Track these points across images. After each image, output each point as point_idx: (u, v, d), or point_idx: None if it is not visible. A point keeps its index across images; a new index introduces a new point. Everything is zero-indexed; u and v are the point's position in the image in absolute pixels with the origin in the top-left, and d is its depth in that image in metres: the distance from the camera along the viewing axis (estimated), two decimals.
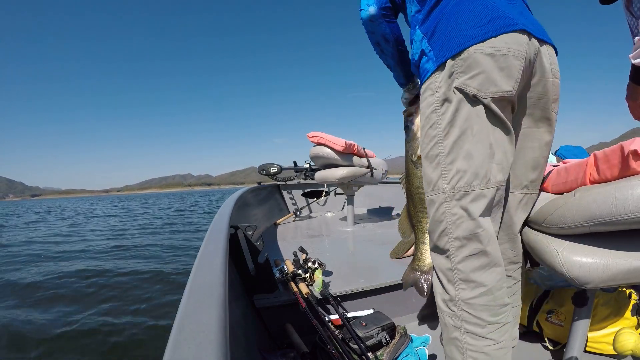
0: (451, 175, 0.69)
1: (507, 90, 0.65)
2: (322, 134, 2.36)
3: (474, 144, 0.67)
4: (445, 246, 0.72)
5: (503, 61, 0.64)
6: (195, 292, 0.50)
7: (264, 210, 2.89)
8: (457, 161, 0.68)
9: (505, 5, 0.68)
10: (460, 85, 0.66)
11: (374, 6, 0.85)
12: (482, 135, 0.67)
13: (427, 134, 0.72)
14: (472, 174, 0.67)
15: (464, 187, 0.68)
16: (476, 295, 0.69)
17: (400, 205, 3.36)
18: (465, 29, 0.66)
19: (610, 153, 0.71)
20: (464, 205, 0.69)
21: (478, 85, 0.65)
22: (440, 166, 0.70)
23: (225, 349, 0.35)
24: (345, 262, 1.61)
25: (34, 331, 2.58)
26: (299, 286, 1.10)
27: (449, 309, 0.73)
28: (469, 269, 0.70)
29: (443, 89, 0.68)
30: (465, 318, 0.70)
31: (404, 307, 1.34)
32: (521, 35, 0.65)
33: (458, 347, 0.72)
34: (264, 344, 1.00)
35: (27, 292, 3.54)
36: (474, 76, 0.64)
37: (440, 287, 0.76)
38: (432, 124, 0.71)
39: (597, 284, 0.69)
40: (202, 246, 0.79)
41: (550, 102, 0.74)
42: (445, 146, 0.69)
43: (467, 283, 0.70)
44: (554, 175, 0.89)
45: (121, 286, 3.60)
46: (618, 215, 0.65)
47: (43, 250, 6.22)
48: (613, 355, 0.99)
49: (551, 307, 1.09)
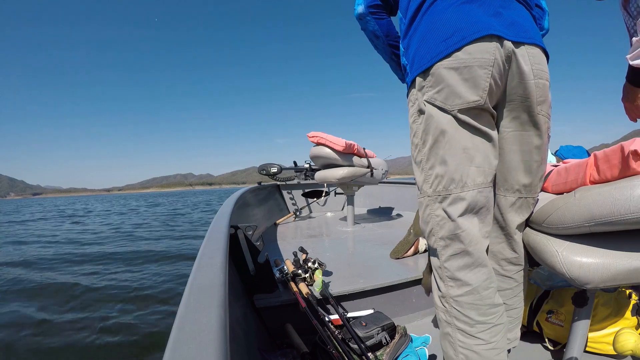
0: (432, 179, 0.74)
1: (474, 100, 0.67)
2: (322, 134, 2.36)
3: (447, 149, 0.70)
4: (434, 245, 0.77)
5: (467, 72, 0.66)
6: (195, 292, 0.50)
7: (264, 210, 2.89)
8: (435, 167, 0.73)
9: (473, 10, 0.67)
10: (429, 99, 0.71)
11: (362, 5, 0.90)
12: (454, 141, 0.69)
13: (412, 142, 0.79)
14: (449, 179, 0.71)
15: (442, 191, 0.73)
16: (462, 294, 0.72)
17: (400, 205, 3.39)
18: (431, 45, 0.69)
19: (610, 153, 0.71)
20: (444, 208, 0.73)
21: (443, 98, 0.68)
22: (424, 172, 0.76)
23: (225, 349, 0.35)
24: (345, 262, 1.61)
25: (32, 327, 2.59)
26: (299, 286, 1.10)
27: (442, 305, 0.77)
28: (454, 267, 0.73)
29: (419, 101, 0.74)
30: (455, 315, 0.73)
31: (404, 307, 1.34)
32: (487, 42, 0.65)
33: (450, 343, 0.75)
34: (264, 344, 1.00)
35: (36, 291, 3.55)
36: (440, 91, 0.69)
37: (435, 283, 0.80)
38: (414, 133, 0.77)
39: (597, 284, 0.69)
40: (202, 246, 0.79)
41: (535, 105, 0.71)
42: (424, 153, 0.75)
43: (454, 281, 0.73)
44: (554, 175, 0.89)
45: (121, 285, 3.60)
46: (618, 216, 0.65)
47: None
48: (613, 355, 0.99)
49: (551, 307, 1.09)
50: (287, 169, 3.35)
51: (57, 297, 3.34)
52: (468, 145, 0.70)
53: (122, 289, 3.49)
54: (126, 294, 3.35)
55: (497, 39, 0.65)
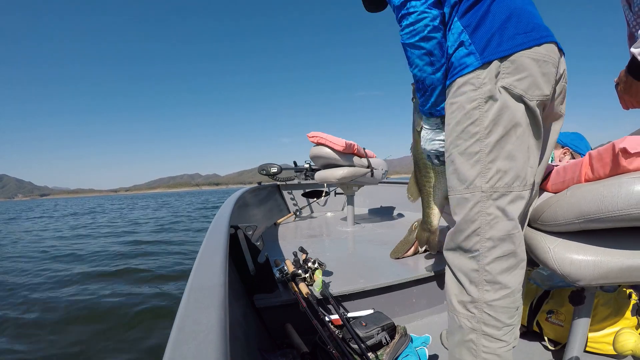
0: (491, 174, 0.68)
1: (547, 95, 0.68)
2: (322, 134, 2.36)
3: (517, 145, 0.67)
4: (475, 247, 0.71)
5: (545, 67, 0.67)
6: (195, 292, 0.50)
7: (264, 210, 2.89)
8: (497, 160, 0.68)
9: (539, 16, 0.72)
10: (508, 86, 0.67)
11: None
12: (524, 137, 0.68)
13: (467, 130, 0.70)
14: (514, 176, 0.68)
15: (502, 188, 0.68)
16: (499, 297, 0.70)
17: (400, 205, 3.38)
18: (512, 33, 0.67)
19: (603, 151, 0.72)
20: (500, 206, 0.69)
21: (525, 87, 0.66)
22: (480, 164, 0.69)
23: (225, 349, 0.35)
24: (345, 262, 1.60)
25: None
26: (299, 286, 1.10)
27: (467, 311, 0.73)
28: (497, 270, 0.70)
29: (488, 86, 0.67)
30: (485, 320, 0.71)
31: (404, 307, 1.34)
32: (554, 46, 0.70)
33: (471, 350, 0.72)
34: (264, 344, 1.00)
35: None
36: (522, 79, 0.66)
37: (458, 288, 0.75)
38: (473, 121, 0.69)
39: (589, 281, 0.70)
40: (202, 246, 0.79)
41: (559, 104, 0.76)
42: (487, 144, 0.68)
43: (492, 285, 0.70)
44: (554, 174, 0.89)
45: (122, 284, 3.61)
46: (606, 213, 0.66)
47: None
48: (613, 355, 0.99)
49: (551, 307, 1.09)
50: (287, 169, 3.35)
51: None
52: (531, 143, 0.70)
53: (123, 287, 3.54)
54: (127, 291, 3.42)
55: (556, 46, 0.70)
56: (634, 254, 0.68)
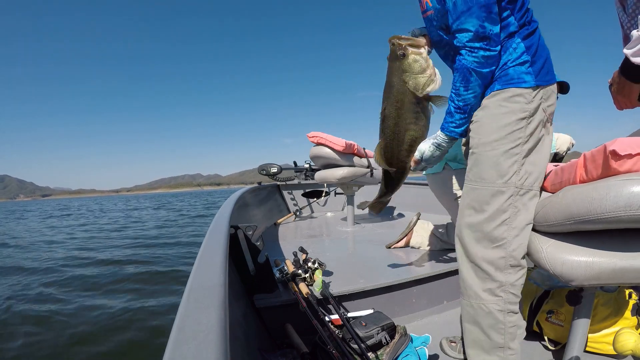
0: (522, 173, 0.84)
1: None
2: (322, 134, 2.36)
3: (540, 153, 0.86)
4: (503, 234, 0.83)
5: (554, 98, 0.88)
6: (195, 292, 0.50)
7: (264, 210, 2.89)
8: (527, 164, 0.84)
9: None
10: (544, 108, 0.85)
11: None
12: (543, 148, 0.87)
13: (513, 135, 0.83)
14: (535, 177, 0.85)
15: (527, 185, 0.84)
16: (520, 277, 0.85)
17: (401, 205, 3.38)
18: (550, 69, 0.87)
19: (595, 153, 0.72)
20: (524, 201, 0.84)
21: (551, 111, 0.88)
22: (517, 164, 0.83)
23: (225, 349, 0.35)
24: (345, 262, 1.61)
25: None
26: (299, 286, 1.10)
27: (494, 297, 0.84)
28: (520, 255, 0.83)
29: (535, 104, 0.83)
30: (510, 299, 0.84)
31: (404, 307, 1.34)
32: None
33: (499, 330, 0.84)
34: (264, 344, 1.00)
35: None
36: (550, 105, 0.87)
37: (481, 279, 0.86)
38: (520, 127, 0.83)
39: (582, 281, 0.71)
40: (202, 246, 0.79)
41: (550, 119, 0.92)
42: (525, 149, 0.84)
43: (514, 268, 0.84)
44: (552, 175, 0.89)
45: (121, 285, 3.61)
46: (594, 214, 0.67)
47: None
48: (613, 355, 0.99)
49: (551, 307, 1.09)
50: (287, 169, 3.35)
51: None
52: (545, 152, 0.88)
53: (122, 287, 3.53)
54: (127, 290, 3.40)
55: None
56: (627, 256, 0.68)
